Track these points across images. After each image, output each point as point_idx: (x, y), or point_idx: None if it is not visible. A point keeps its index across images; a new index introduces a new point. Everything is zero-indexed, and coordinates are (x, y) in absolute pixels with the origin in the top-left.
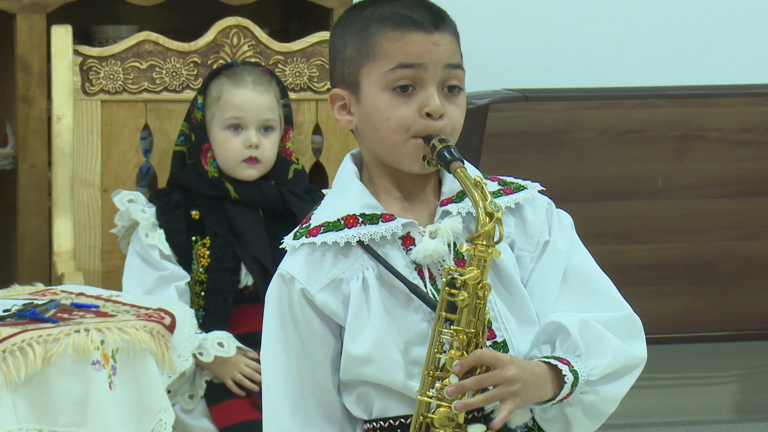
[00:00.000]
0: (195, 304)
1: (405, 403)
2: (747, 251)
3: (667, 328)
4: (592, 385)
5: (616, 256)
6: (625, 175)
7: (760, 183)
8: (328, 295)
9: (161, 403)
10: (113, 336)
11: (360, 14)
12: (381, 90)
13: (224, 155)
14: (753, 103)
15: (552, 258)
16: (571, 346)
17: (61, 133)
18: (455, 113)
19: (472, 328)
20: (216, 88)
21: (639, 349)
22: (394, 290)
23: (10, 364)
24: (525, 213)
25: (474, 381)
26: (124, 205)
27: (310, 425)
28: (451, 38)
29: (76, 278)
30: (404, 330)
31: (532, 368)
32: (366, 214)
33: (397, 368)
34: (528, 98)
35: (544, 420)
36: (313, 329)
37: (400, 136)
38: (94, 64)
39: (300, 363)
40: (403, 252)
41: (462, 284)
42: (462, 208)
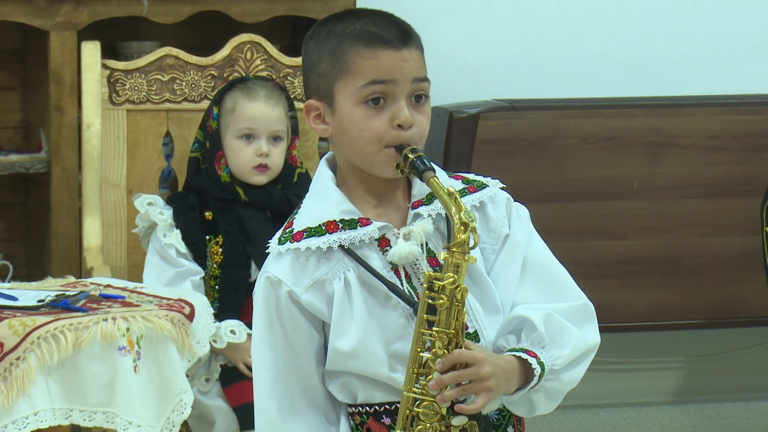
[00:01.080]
0: (210, 296)
1: (388, 391)
2: (713, 247)
3: (641, 317)
4: (556, 373)
5: (595, 251)
6: (604, 178)
7: (726, 185)
8: (312, 295)
9: (181, 385)
10: (138, 324)
11: (333, 30)
12: (354, 103)
13: (237, 162)
14: (719, 113)
15: (512, 250)
16: (536, 338)
17: (90, 140)
18: (422, 121)
19: (452, 329)
20: (231, 100)
21: (593, 335)
22: (374, 289)
23: (44, 349)
24: (488, 210)
25: (452, 377)
26: (143, 208)
27: (296, 414)
28: (418, 53)
29: (103, 271)
30: (385, 326)
31: (504, 364)
32: (345, 219)
33: (380, 362)
34: (515, 108)
35: (510, 403)
36: (299, 327)
37: (373, 146)
38: (120, 76)
39: (286, 358)
40: (380, 253)
41: (440, 288)
42: (432, 210)
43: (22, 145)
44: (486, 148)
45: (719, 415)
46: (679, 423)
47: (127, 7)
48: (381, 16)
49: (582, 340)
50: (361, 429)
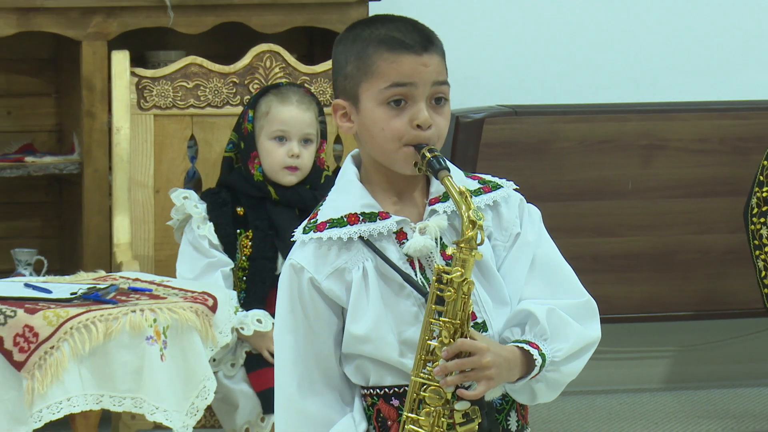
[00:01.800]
0: (237, 287)
1: (397, 375)
2: (703, 244)
3: (635, 309)
4: (557, 365)
5: (591, 248)
6: (600, 179)
7: (714, 185)
8: (332, 282)
9: (205, 373)
10: (164, 315)
11: (359, 35)
12: (377, 104)
13: (269, 162)
14: (708, 117)
15: (522, 248)
16: (539, 331)
17: (119, 143)
18: (441, 122)
19: (458, 319)
20: (265, 104)
21: (594, 330)
22: (389, 279)
23: (77, 339)
24: (501, 209)
25: (456, 364)
26: (179, 201)
27: (314, 393)
28: (439, 58)
29: (132, 266)
30: (397, 314)
31: (506, 354)
32: (366, 212)
33: (391, 347)
34: (517, 113)
35: (513, 391)
36: (319, 311)
37: (394, 144)
38: (148, 83)
39: (306, 340)
40: (397, 246)
41: (449, 281)
42: (447, 207)
43: (55, 147)
44: (490, 151)
45: (708, 401)
46: (670, 408)
47: (155, 18)
48: (405, 22)
49: (583, 335)
50: (372, 410)
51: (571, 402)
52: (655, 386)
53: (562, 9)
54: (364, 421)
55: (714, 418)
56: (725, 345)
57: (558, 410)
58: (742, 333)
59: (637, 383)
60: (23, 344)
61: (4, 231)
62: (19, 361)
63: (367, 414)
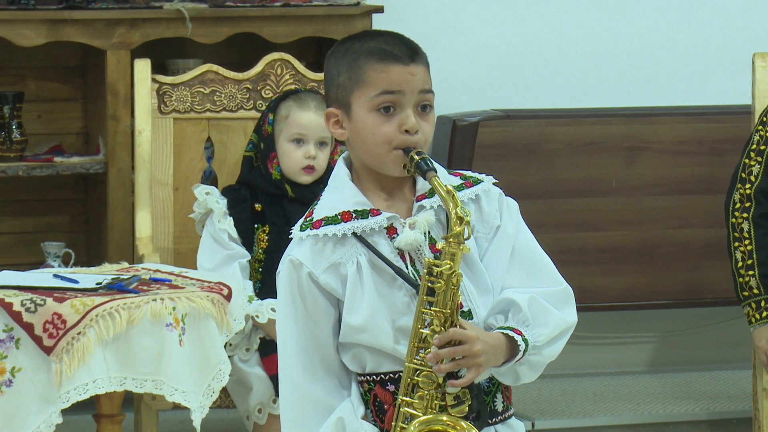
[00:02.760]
0: (253, 277)
1: (393, 362)
2: (682, 238)
3: (619, 298)
4: (538, 349)
5: (578, 242)
6: (586, 178)
7: (693, 184)
8: (329, 276)
9: (220, 357)
10: (182, 304)
11: (351, 47)
12: (368, 111)
13: (287, 162)
14: (687, 121)
15: (502, 239)
16: (522, 318)
17: (141, 144)
18: (427, 128)
19: (448, 309)
20: (285, 109)
21: (571, 315)
22: (382, 272)
23: (101, 325)
24: (482, 203)
25: (447, 352)
26: (202, 196)
27: (315, 378)
28: (424, 68)
29: (153, 258)
30: (391, 304)
31: (492, 341)
32: (358, 210)
33: (386, 335)
34: (510, 116)
35: (499, 374)
36: (318, 303)
37: (383, 148)
38: (168, 89)
39: (307, 330)
40: (388, 240)
41: (439, 274)
42: (434, 202)
43: (82, 149)
44: (484, 152)
45: (687, 383)
46: (651, 390)
47: (174, 29)
48: (392, 36)
49: (561, 320)
50: (369, 395)
51: (559, 384)
52: (637, 369)
53: (551, 21)
54: (361, 405)
55: (692, 399)
56: (702, 331)
57: (547, 391)
58: (718, 320)
59: (620, 366)
60: (52, 330)
61: (35, 226)
62: (48, 346)
63: (364, 399)
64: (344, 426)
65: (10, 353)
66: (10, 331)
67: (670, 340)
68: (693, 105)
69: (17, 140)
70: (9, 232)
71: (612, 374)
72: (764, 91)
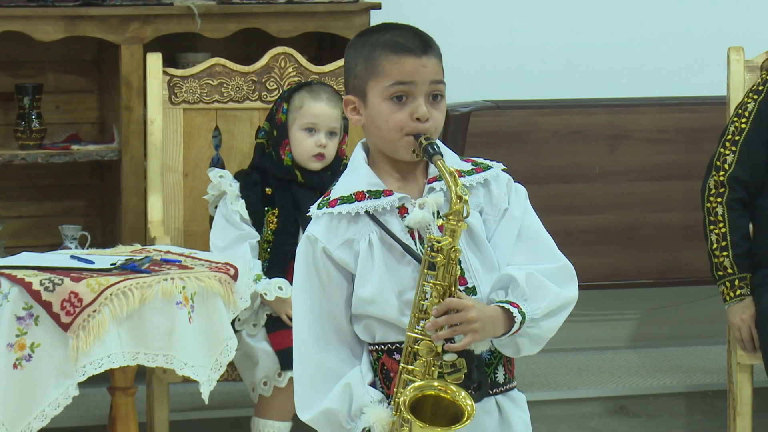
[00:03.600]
0: (262, 257)
1: (398, 333)
2: (662, 221)
3: (602, 278)
4: (536, 321)
5: (564, 225)
6: (571, 165)
7: (672, 171)
8: (343, 252)
9: (227, 333)
10: (192, 283)
11: (368, 40)
12: (382, 99)
13: (299, 150)
14: (666, 111)
15: (509, 221)
16: (519, 293)
17: (153, 133)
18: (437, 116)
19: (447, 282)
20: (299, 99)
21: (571, 291)
22: (392, 249)
23: (116, 303)
24: (491, 187)
25: (444, 319)
26: (216, 179)
27: (328, 348)
28: (436, 60)
29: (164, 240)
30: (399, 279)
31: (490, 312)
32: (371, 190)
33: (393, 308)
34: (499, 107)
35: (500, 345)
36: (332, 277)
37: (396, 134)
38: (178, 81)
39: (321, 302)
40: (399, 219)
41: (439, 249)
42: (444, 185)
43: (98, 137)
44: (476, 140)
45: (666, 358)
46: (632, 364)
47: (184, 24)
48: (407, 29)
49: (559, 295)
50: (377, 364)
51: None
52: (619, 345)
53: (538, 18)
54: (370, 372)
55: (670, 372)
56: (680, 309)
57: (534, 365)
58: (695, 298)
59: (603, 342)
60: (69, 308)
61: (53, 210)
62: (65, 323)
63: (373, 367)
64: (351, 391)
65: (29, 330)
66: (30, 309)
67: (650, 317)
68: (672, 96)
69: (36, 129)
70: (29, 215)
71: (595, 349)
72: (738, 83)
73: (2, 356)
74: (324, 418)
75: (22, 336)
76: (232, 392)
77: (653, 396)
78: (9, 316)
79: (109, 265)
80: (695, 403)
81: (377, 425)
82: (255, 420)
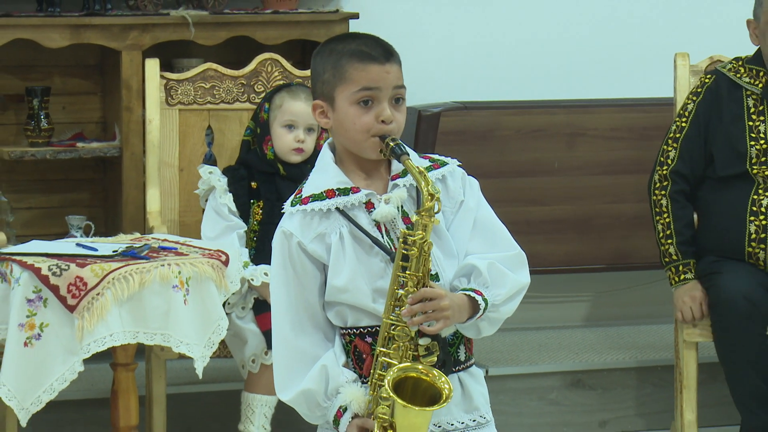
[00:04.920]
0: (249, 245)
1: (370, 318)
2: (614, 211)
3: (560, 263)
4: (496, 307)
5: (526, 215)
6: (533, 160)
7: (624, 165)
8: (316, 245)
9: (219, 314)
10: (187, 268)
11: (334, 48)
12: (350, 104)
13: (280, 145)
14: (619, 111)
15: (465, 212)
16: (482, 281)
17: (151, 131)
18: (400, 118)
19: (420, 272)
20: (279, 99)
21: (525, 277)
22: (361, 241)
23: (117, 287)
24: (448, 182)
25: (420, 307)
26: (206, 175)
27: (304, 333)
28: (398, 67)
29: (161, 229)
30: (369, 268)
31: (457, 300)
32: (340, 188)
33: (365, 295)
34: (467, 107)
35: (463, 328)
36: (306, 268)
37: (363, 135)
38: (174, 84)
39: (297, 291)
40: (367, 213)
41: (412, 242)
42: (406, 181)
43: (101, 135)
44: (446, 138)
45: (618, 336)
46: (588, 341)
47: (180, 33)
48: (370, 38)
49: (516, 282)
50: (350, 346)
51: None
52: (576, 324)
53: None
54: (343, 354)
55: (623, 349)
56: (631, 291)
57: (499, 343)
58: (644, 282)
59: (561, 322)
60: (75, 291)
61: (60, 202)
62: (71, 304)
63: (346, 349)
64: (327, 372)
65: (39, 311)
66: (39, 292)
67: (604, 299)
68: (624, 97)
69: (45, 128)
70: (38, 207)
71: (554, 328)
72: (684, 86)
73: (14, 335)
74: (302, 398)
75: (32, 317)
76: (224, 368)
77: (607, 371)
78: (20, 299)
79: (111, 252)
80: (645, 377)
81: (354, 403)
82: (245, 394)
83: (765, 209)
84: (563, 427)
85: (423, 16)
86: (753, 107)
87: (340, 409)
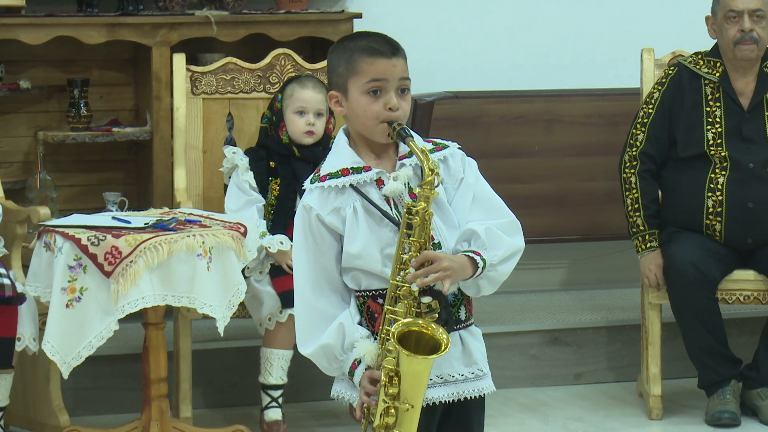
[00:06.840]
0: (267, 218)
1: (381, 281)
2: (588, 188)
3: (540, 234)
4: (494, 266)
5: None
6: (515, 143)
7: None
8: (333, 217)
9: (238, 279)
10: (210, 239)
11: (347, 45)
12: (361, 94)
13: (293, 129)
14: (592, 100)
15: (465, 188)
16: (480, 243)
17: (178, 118)
18: (405, 106)
19: (422, 239)
20: (290, 89)
21: (519, 241)
22: (373, 214)
23: (148, 255)
24: (449, 162)
25: (423, 271)
26: (230, 155)
27: (323, 294)
28: (403, 61)
29: (187, 204)
30: (380, 238)
31: (458, 260)
32: (354, 167)
33: (376, 261)
34: (458, 97)
35: (464, 287)
36: (324, 237)
37: (373, 121)
38: (198, 76)
39: (316, 258)
40: (377, 189)
41: (415, 212)
42: (412, 161)
43: (134, 121)
44: (438, 124)
45: (591, 298)
46: (564, 304)
47: (203, 30)
48: (379, 36)
49: (511, 244)
50: (363, 307)
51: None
52: (553, 288)
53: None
54: (357, 314)
55: (595, 310)
56: (602, 259)
57: (486, 305)
58: (615, 251)
59: (541, 286)
60: (111, 259)
61: (98, 180)
62: (108, 271)
63: (360, 309)
64: (344, 329)
65: (79, 276)
66: (79, 260)
67: (578, 266)
68: (596, 87)
69: (84, 115)
70: (78, 184)
71: (534, 291)
72: (649, 77)
73: (57, 298)
74: (322, 352)
75: (72, 282)
76: (243, 327)
77: (581, 329)
78: (62, 266)
79: (143, 224)
80: (615, 335)
81: (367, 356)
82: (263, 349)
83: (721, 186)
84: (542, 379)
85: (418, 17)
86: (710, 95)
87: (355, 361)
